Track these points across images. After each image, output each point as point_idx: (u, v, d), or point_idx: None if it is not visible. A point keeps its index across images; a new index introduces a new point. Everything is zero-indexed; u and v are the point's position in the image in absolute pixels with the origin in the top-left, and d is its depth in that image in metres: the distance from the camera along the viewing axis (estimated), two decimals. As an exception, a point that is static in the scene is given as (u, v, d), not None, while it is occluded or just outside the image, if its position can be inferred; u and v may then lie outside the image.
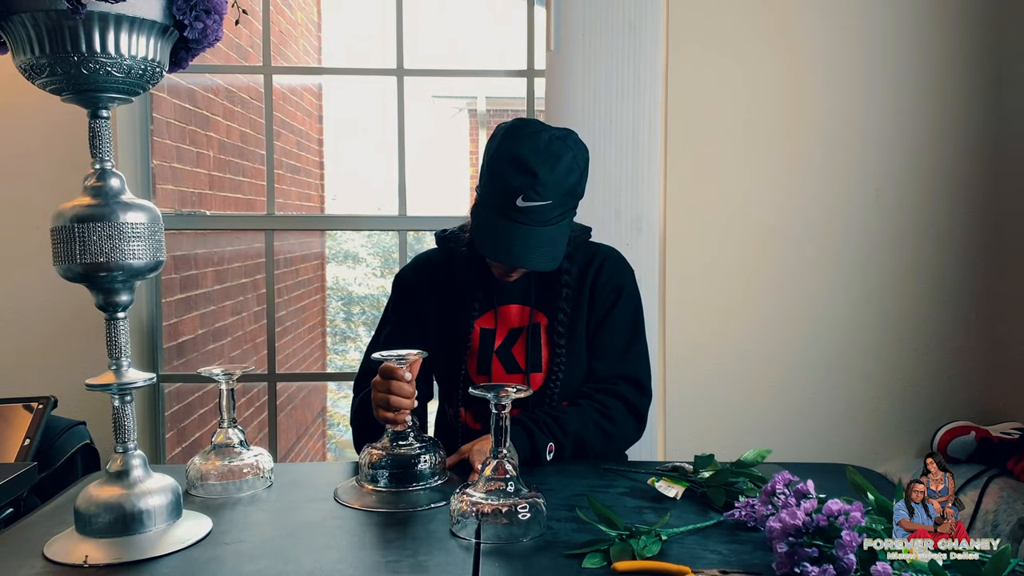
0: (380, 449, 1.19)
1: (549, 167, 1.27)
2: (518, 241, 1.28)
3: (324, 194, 5.85)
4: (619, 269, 1.48)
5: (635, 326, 1.46)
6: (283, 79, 4.73)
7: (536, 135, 1.30)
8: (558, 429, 1.33)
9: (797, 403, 2.20)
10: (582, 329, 1.43)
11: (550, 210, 1.28)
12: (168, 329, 2.58)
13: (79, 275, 1.00)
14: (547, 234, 1.29)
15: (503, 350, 1.42)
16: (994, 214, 2.16)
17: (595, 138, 2.09)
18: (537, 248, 1.29)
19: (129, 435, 1.05)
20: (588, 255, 1.47)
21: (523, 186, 1.27)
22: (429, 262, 1.52)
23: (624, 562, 0.94)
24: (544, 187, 1.27)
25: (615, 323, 1.43)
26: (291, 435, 4.57)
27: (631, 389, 1.42)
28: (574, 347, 1.42)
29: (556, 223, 1.30)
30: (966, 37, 2.13)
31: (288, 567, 0.96)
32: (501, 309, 1.43)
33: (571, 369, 1.41)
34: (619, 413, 1.39)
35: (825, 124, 2.16)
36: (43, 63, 0.95)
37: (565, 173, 1.29)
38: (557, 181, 1.28)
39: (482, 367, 1.42)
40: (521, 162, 1.27)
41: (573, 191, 1.31)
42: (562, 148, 1.29)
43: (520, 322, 1.43)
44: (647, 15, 2.07)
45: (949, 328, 2.20)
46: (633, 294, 1.47)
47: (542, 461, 1.31)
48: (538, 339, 1.41)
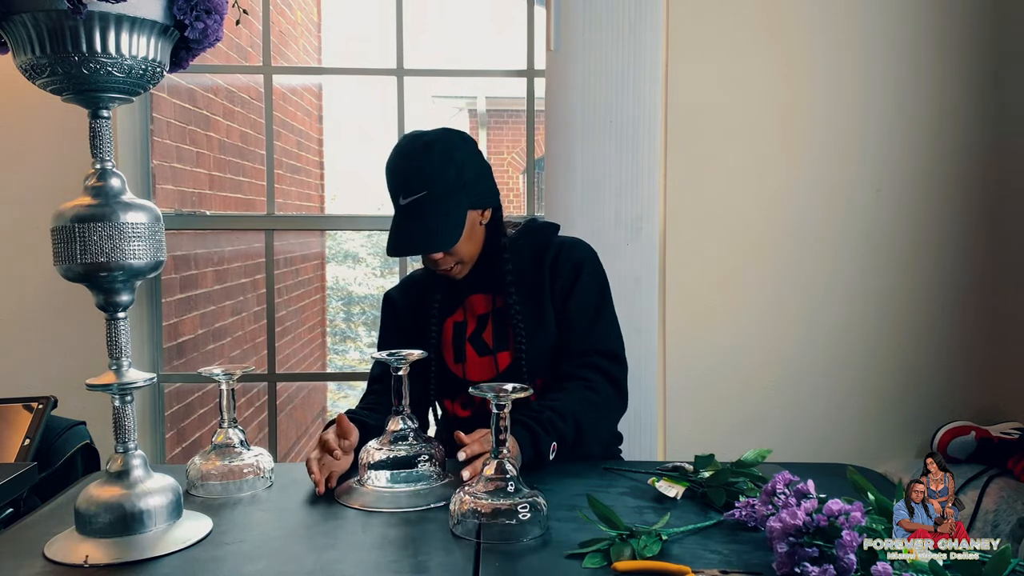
0: (380, 449, 1.19)
1: (415, 162, 1.38)
2: (409, 233, 1.39)
3: (324, 194, 5.85)
4: (578, 250, 1.54)
5: (601, 300, 1.52)
6: (283, 79, 4.73)
7: (405, 141, 1.43)
8: (560, 420, 1.34)
9: (797, 403, 2.20)
10: (548, 309, 1.49)
11: (432, 201, 1.37)
12: (168, 329, 2.58)
13: (80, 275, 1.00)
14: (432, 221, 1.38)
15: (475, 337, 1.51)
16: (994, 214, 2.16)
17: (595, 138, 2.09)
18: (426, 236, 1.38)
19: (129, 435, 1.05)
20: (544, 242, 1.54)
21: (399, 186, 1.39)
22: (412, 280, 1.65)
23: (624, 562, 0.94)
24: (414, 181, 1.37)
25: (580, 298, 1.49)
26: (291, 435, 4.57)
27: (604, 360, 1.46)
28: (537, 325, 1.48)
29: (446, 213, 1.38)
30: (966, 37, 2.13)
31: (288, 567, 0.96)
32: (467, 302, 1.53)
33: (534, 345, 1.46)
34: (599, 384, 1.43)
35: (825, 124, 2.16)
36: (44, 63, 0.95)
37: (435, 164, 1.38)
38: (428, 173, 1.37)
39: (458, 356, 1.52)
40: (392, 167, 1.41)
41: (453, 180, 1.39)
42: (429, 143, 1.40)
43: (486, 309, 1.52)
44: (647, 15, 2.07)
45: (949, 328, 2.20)
46: (595, 270, 1.53)
47: (545, 462, 1.30)
48: (501, 321, 1.49)
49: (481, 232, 1.48)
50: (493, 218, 1.49)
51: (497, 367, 1.48)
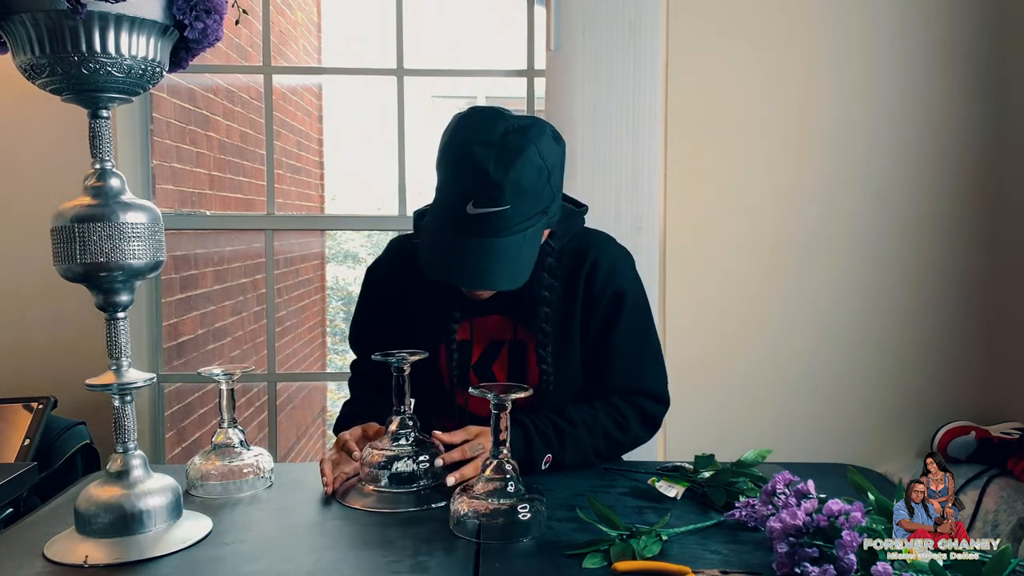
0: (380, 449, 1.19)
1: (504, 165, 1.07)
2: (471, 257, 1.09)
3: (324, 194, 5.85)
4: (614, 270, 1.31)
5: (644, 331, 1.34)
6: (283, 79, 4.73)
7: (490, 126, 1.10)
8: (556, 441, 1.25)
9: (797, 403, 2.20)
10: (576, 342, 1.28)
11: (509, 217, 1.08)
12: (168, 329, 2.58)
13: (79, 275, 1.00)
14: (507, 247, 1.09)
15: (482, 366, 1.29)
16: (994, 215, 2.16)
17: (595, 138, 2.09)
18: (495, 265, 1.09)
19: (129, 435, 1.05)
20: (576, 258, 1.28)
21: (473, 188, 1.08)
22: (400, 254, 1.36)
23: (624, 562, 0.93)
24: (499, 190, 1.07)
25: (622, 332, 1.29)
26: (291, 435, 4.57)
27: (648, 401, 1.34)
28: (564, 364, 1.28)
29: (519, 232, 1.10)
30: (968, 37, 2.13)
31: (288, 567, 0.96)
32: (477, 321, 1.27)
33: (560, 387, 1.28)
34: (633, 422, 1.31)
35: (825, 124, 2.16)
36: (43, 63, 0.95)
37: (526, 172, 1.09)
38: (515, 182, 1.08)
39: (461, 382, 1.28)
40: (471, 159, 1.08)
41: (540, 194, 1.11)
42: (522, 141, 1.09)
43: (501, 335, 1.28)
44: (647, 15, 2.07)
45: (949, 328, 2.20)
46: (637, 294, 1.33)
47: (537, 469, 1.26)
48: (519, 357, 1.27)
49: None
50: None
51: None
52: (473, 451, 1.18)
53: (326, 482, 1.18)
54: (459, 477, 1.14)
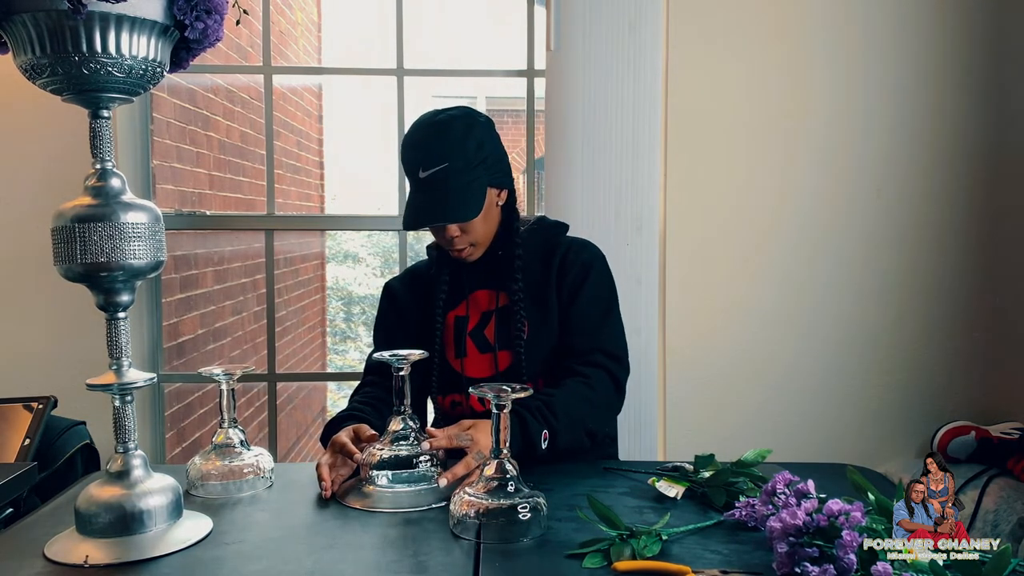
0: (380, 449, 1.19)
1: (436, 135, 1.39)
2: (430, 204, 1.39)
3: (324, 194, 5.85)
4: (588, 251, 1.53)
5: (608, 302, 1.51)
6: (283, 79, 4.73)
7: (424, 117, 1.43)
8: (549, 413, 1.31)
9: (797, 403, 2.20)
10: (553, 308, 1.48)
11: (453, 174, 1.37)
12: (168, 329, 2.58)
13: (80, 275, 1.00)
14: (453, 190, 1.38)
15: (476, 332, 1.50)
16: (994, 214, 2.17)
17: (595, 138, 2.09)
18: (446, 206, 1.38)
19: (129, 435, 1.05)
20: (553, 240, 1.53)
21: (418, 159, 1.39)
22: (415, 272, 1.63)
23: (624, 562, 0.94)
24: (437, 153, 1.37)
25: (587, 298, 1.47)
26: (291, 435, 4.57)
27: (608, 360, 1.44)
28: (541, 324, 1.46)
29: (466, 185, 1.38)
30: (967, 36, 2.13)
31: (288, 567, 0.96)
32: (471, 297, 1.51)
33: (535, 344, 1.45)
34: (599, 381, 1.42)
35: (825, 124, 2.16)
36: (44, 63, 0.95)
37: (456, 137, 1.38)
38: (450, 145, 1.37)
39: (459, 350, 1.50)
40: (411, 140, 1.41)
41: (473, 153, 1.39)
42: (449, 117, 1.40)
43: (489, 305, 1.51)
44: (647, 15, 2.07)
45: (949, 328, 2.20)
46: (604, 272, 1.52)
47: (537, 451, 1.28)
48: (504, 319, 1.48)
49: (497, 214, 1.47)
50: (507, 202, 1.48)
51: (497, 366, 1.46)
52: (460, 440, 1.21)
53: (324, 487, 1.20)
54: (451, 477, 1.16)
